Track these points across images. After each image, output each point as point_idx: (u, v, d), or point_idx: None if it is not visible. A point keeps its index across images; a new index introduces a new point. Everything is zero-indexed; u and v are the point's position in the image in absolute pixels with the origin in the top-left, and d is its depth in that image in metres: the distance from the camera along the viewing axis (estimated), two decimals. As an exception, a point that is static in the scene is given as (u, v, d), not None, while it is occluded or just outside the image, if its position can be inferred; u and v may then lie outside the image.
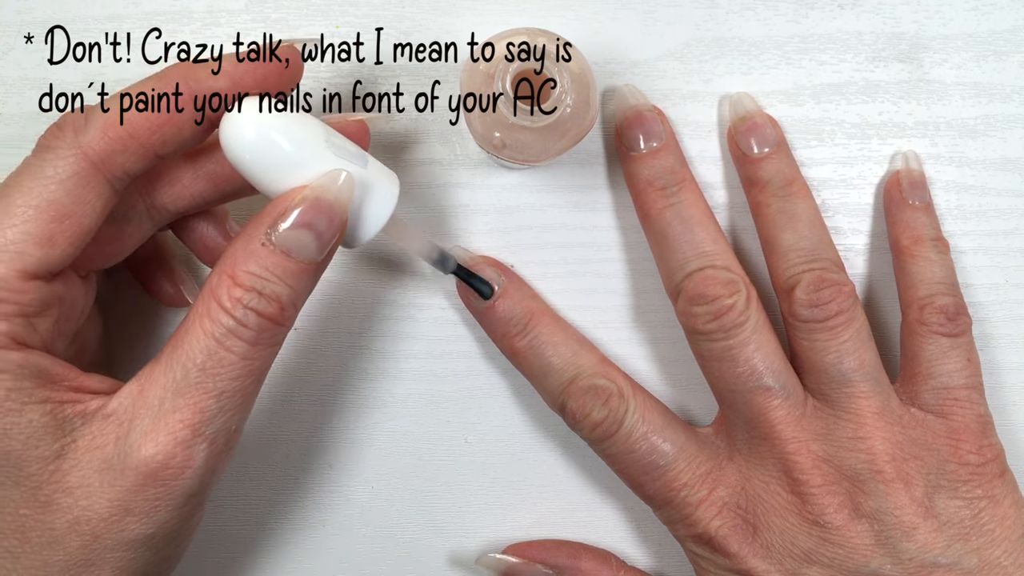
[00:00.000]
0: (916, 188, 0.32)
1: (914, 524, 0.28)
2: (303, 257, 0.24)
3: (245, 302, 0.23)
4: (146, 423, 0.24)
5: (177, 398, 0.24)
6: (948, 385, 0.29)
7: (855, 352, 0.29)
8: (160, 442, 0.23)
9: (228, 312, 0.23)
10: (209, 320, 0.24)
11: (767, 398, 0.29)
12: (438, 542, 0.33)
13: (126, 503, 0.24)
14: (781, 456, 0.29)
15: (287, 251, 0.24)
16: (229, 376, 0.24)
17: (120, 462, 0.23)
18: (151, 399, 0.24)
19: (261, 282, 0.24)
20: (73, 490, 0.23)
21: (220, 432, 0.24)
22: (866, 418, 0.28)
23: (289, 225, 0.24)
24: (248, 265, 0.24)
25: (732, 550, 0.29)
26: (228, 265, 0.24)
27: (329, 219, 0.24)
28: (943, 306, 0.30)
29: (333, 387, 0.33)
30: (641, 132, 0.31)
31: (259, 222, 0.24)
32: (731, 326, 0.29)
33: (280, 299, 0.24)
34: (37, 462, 0.23)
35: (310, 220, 0.24)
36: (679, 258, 0.30)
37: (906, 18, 0.33)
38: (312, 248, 0.24)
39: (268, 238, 0.24)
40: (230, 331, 0.24)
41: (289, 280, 0.24)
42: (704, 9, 0.33)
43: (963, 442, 0.29)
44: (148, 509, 0.24)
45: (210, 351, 0.24)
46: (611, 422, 0.29)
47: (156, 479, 0.24)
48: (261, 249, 0.24)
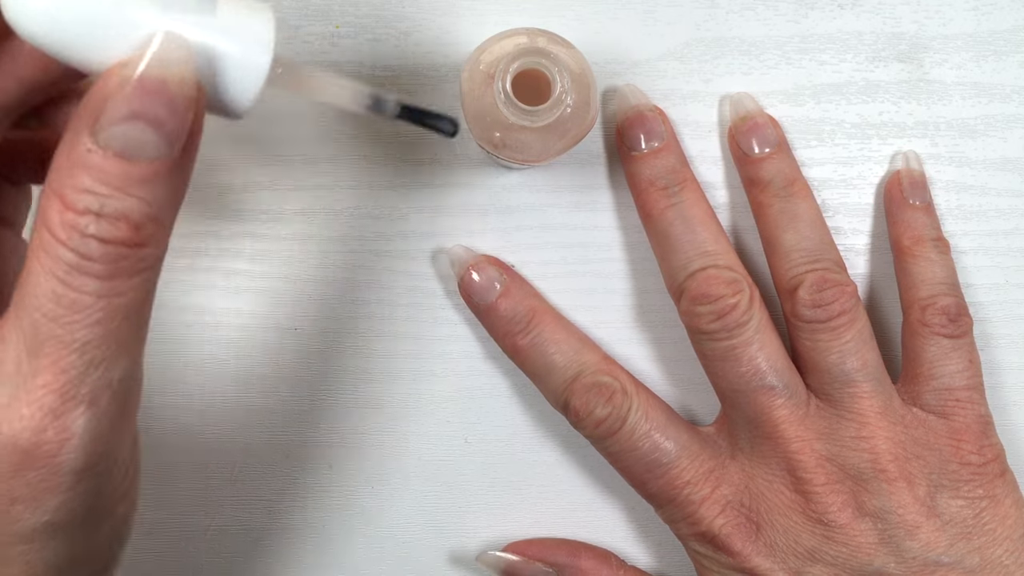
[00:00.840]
0: (917, 188, 0.32)
1: (917, 523, 0.28)
2: (148, 155, 0.18)
3: (82, 228, 0.18)
4: (6, 397, 0.19)
5: (33, 359, 0.18)
6: (950, 386, 0.30)
7: (858, 352, 0.29)
8: (25, 416, 0.18)
9: (64, 244, 0.18)
10: (47, 256, 0.18)
11: (770, 397, 0.29)
12: (438, 542, 0.33)
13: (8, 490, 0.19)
14: (784, 455, 0.29)
15: (122, 153, 0.17)
16: (87, 322, 0.18)
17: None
18: (6, 364, 0.19)
19: (97, 200, 0.18)
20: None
21: (99, 389, 0.19)
22: (869, 418, 0.28)
23: (114, 119, 0.17)
24: (77, 179, 0.18)
25: (735, 548, 0.29)
26: (54, 181, 0.18)
27: (167, 101, 0.18)
28: (945, 307, 0.30)
29: (333, 387, 0.33)
30: (642, 132, 0.31)
31: (79, 118, 0.18)
32: (734, 325, 0.29)
33: (128, 216, 0.18)
34: None
35: (140, 108, 0.17)
36: (681, 258, 0.30)
37: (906, 18, 0.33)
38: (156, 143, 0.18)
39: (94, 140, 0.17)
40: (73, 267, 0.18)
41: (135, 190, 0.18)
42: (704, 9, 0.33)
43: (964, 442, 0.29)
44: (33, 495, 0.19)
45: (57, 295, 0.18)
46: (614, 419, 0.29)
47: (31, 460, 0.19)
48: (88, 156, 0.17)
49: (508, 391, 0.33)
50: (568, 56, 0.28)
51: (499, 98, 0.27)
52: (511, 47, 0.27)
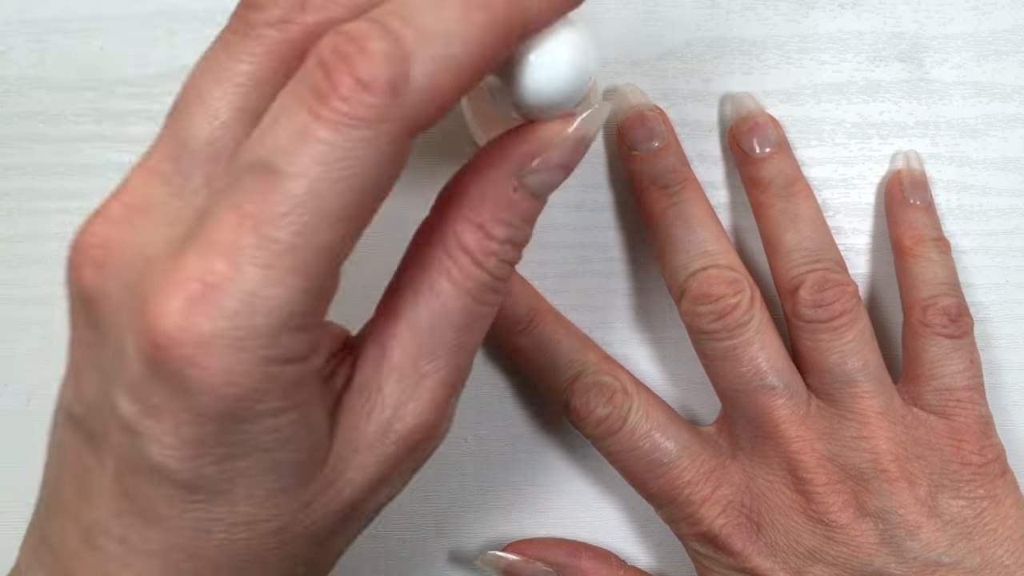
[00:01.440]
0: (917, 188, 0.32)
1: (918, 523, 0.28)
2: (547, 196, 0.21)
3: (500, 256, 0.21)
4: (402, 391, 0.21)
5: (433, 360, 0.21)
6: (951, 386, 0.29)
7: (859, 352, 0.29)
8: (421, 411, 0.21)
9: (482, 267, 0.20)
10: (460, 274, 0.20)
11: (771, 397, 0.29)
12: (438, 542, 0.33)
13: (384, 475, 0.21)
14: (785, 455, 0.29)
15: (536, 194, 0.21)
16: (481, 328, 0.22)
17: (379, 437, 0.21)
18: (401, 364, 0.21)
19: (515, 232, 0.21)
20: (334, 482, 0.21)
21: (462, 381, 0.22)
22: (870, 418, 0.28)
23: (546, 167, 0.20)
24: (501, 214, 0.20)
25: (736, 548, 0.29)
26: (474, 212, 0.20)
27: (581, 156, 0.21)
28: (946, 307, 0.30)
29: (333, 387, 0.33)
30: (643, 132, 0.31)
31: (509, 160, 0.21)
32: (735, 325, 0.29)
33: (523, 244, 0.21)
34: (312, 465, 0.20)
35: (568, 162, 0.21)
36: (682, 258, 0.30)
37: (906, 18, 0.33)
38: (556, 187, 0.21)
39: (521, 182, 0.20)
40: (487, 286, 0.21)
41: (533, 223, 0.21)
42: (704, 9, 0.32)
43: (965, 442, 0.29)
44: (405, 474, 0.22)
45: (468, 309, 0.21)
46: (615, 419, 0.29)
47: (417, 446, 0.22)
48: (514, 195, 0.20)
49: (508, 391, 0.33)
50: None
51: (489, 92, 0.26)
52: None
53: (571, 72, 0.20)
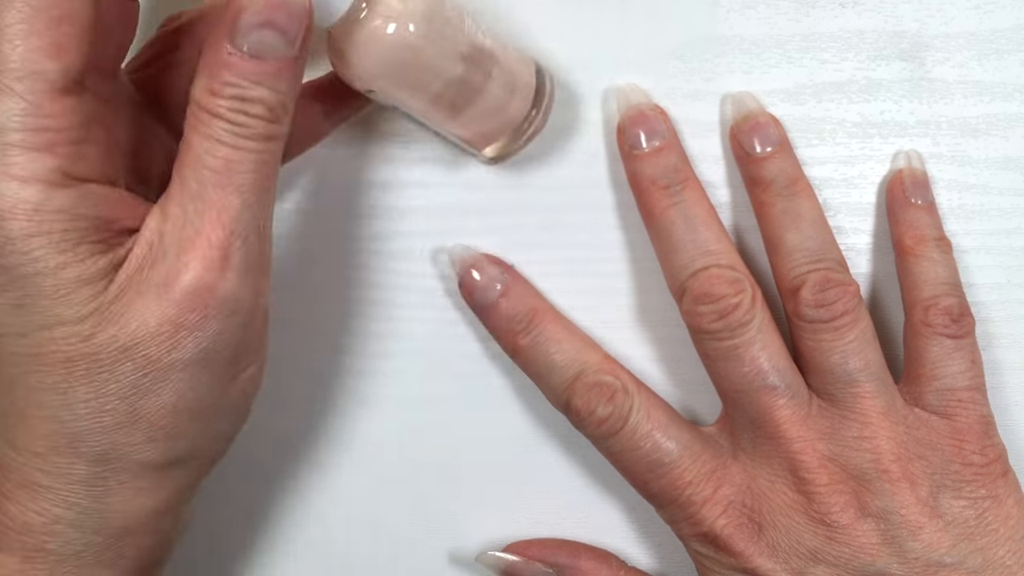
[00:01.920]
0: (919, 187, 0.32)
1: (920, 523, 0.28)
2: (274, 55, 0.23)
3: (231, 107, 0.23)
4: (178, 237, 0.23)
5: (199, 203, 0.23)
6: (952, 387, 0.29)
7: (860, 352, 0.29)
8: (197, 249, 0.23)
9: (221, 116, 0.23)
10: (204, 126, 0.23)
11: (772, 397, 0.29)
12: (438, 542, 0.33)
13: (175, 318, 0.23)
14: (787, 455, 0.29)
15: (255, 54, 0.23)
16: (242, 170, 0.23)
17: (162, 280, 0.23)
18: (174, 214, 0.23)
19: (240, 90, 0.23)
20: (117, 318, 0.23)
21: (250, 229, 0.24)
22: (871, 418, 0.28)
23: (248, 27, 0.22)
24: (222, 76, 0.23)
25: (737, 548, 0.29)
26: (204, 78, 0.23)
27: (289, 12, 0.23)
28: (947, 307, 0.30)
29: (332, 387, 0.33)
30: (643, 131, 0.31)
31: (221, 28, 0.23)
32: (736, 325, 0.29)
33: (264, 101, 0.23)
34: (84, 301, 0.22)
35: (269, 18, 0.23)
36: (683, 257, 0.30)
37: (908, 16, 0.33)
38: (280, 45, 0.23)
39: (233, 44, 0.23)
40: (227, 131, 0.23)
41: (268, 82, 0.23)
42: (705, 8, 0.32)
43: (967, 443, 0.29)
44: (198, 320, 0.23)
45: (216, 151, 0.23)
46: (616, 419, 0.29)
47: (200, 286, 0.23)
48: (229, 58, 0.23)
49: (508, 391, 0.33)
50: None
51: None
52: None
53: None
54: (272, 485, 0.33)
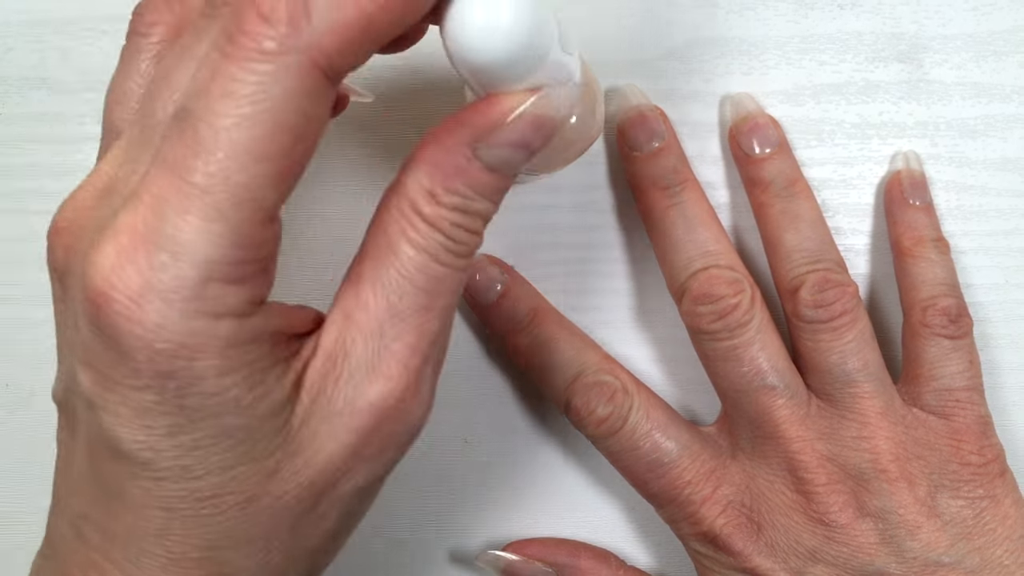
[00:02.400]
0: (917, 188, 0.32)
1: (918, 523, 0.28)
2: (508, 172, 0.21)
3: (453, 221, 0.20)
4: (369, 356, 0.20)
5: (399, 324, 0.20)
6: (950, 387, 0.30)
7: (859, 352, 0.29)
8: (391, 375, 0.20)
9: (437, 227, 0.20)
10: (417, 235, 0.20)
11: (772, 397, 0.29)
12: (438, 542, 0.33)
13: (358, 448, 0.21)
14: (786, 455, 0.29)
15: (494, 168, 0.20)
16: (448, 291, 0.21)
17: (347, 405, 0.20)
18: (367, 327, 0.20)
19: (465, 202, 0.20)
20: (302, 451, 0.20)
21: (441, 353, 0.22)
22: (870, 418, 0.28)
23: (502, 142, 0.20)
24: (452, 183, 0.20)
25: (736, 548, 0.29)
26: (427, 179, 0.20)
27: (544, 136, 0.21)
28: (945, 308, 0.30)
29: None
30: (643, 132, 0.31)
31: (464, 131, 0.20)
32: (736, 325, 0.29)
33: (484, 216, 0.21)
34: (271, 433, 0.20)
35: (528, 140, 0.20)
36: (683, 258, 0.30)
37: (906, 18, 0.33)
38: (518, 164, 0.21)
39: (475, 153, 0.20)
40: (442, 246, 0.20)
41: (493, 196, 0.21)
42: (704, 9, 0.32)
43: (965, 443, 0.29)
44: (379, 450, 0.21)
45: (428, 268, 0.20)
46: (616, 418, 0.29)
47: (389, 417, 0.21)
48: (468, 166, 0.20)
49: (508, 391, 0.33)
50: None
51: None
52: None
53: (511, 24, 0.18)
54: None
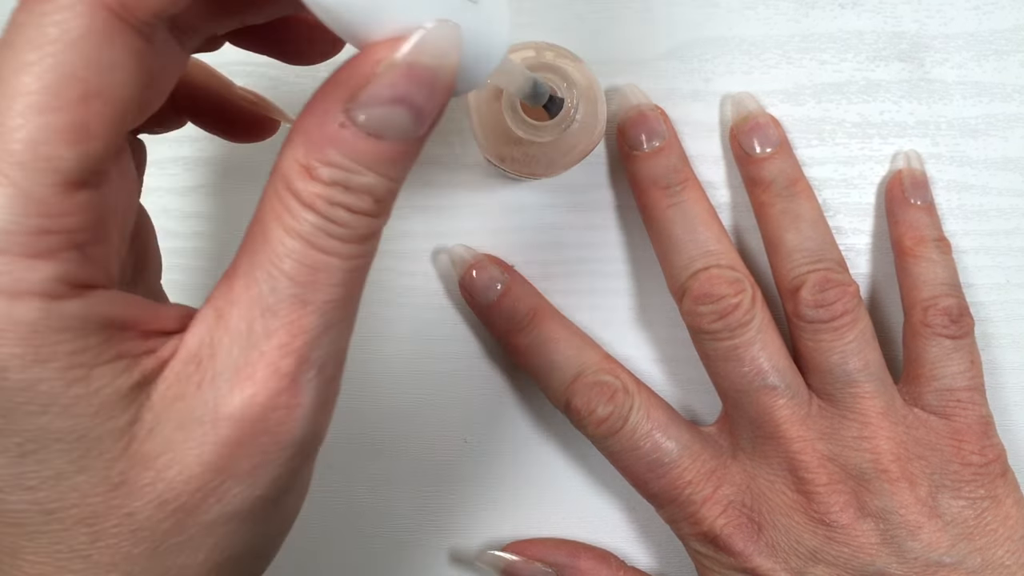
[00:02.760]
0: (918, 188, 0.32)
1: (919, 523, 0.28)
2: (398, 136, 0.17)
3: (328, 198, 0.17)
4: (236, 358, 0.18)
5: (270, 318, 0.18)
6: (951, 387, 0.29)
7: (860, 352, 0.29)
8: (258, 379, 0.18)
9: (312, 208, 0.17)
10: (291, 217, 0.18)
11: (772, 397, 0.29)
12: (438, 542, 0.33)
13: (223, 464, 0.18)
14: (786, 455, 0.29)
15: (375, 133, 0.17)
16: (329, 283, 0.18)
17: (210, 412, 0.18)
18: (235, 325, 0.18)
19: (346, 175, 0.17)
20: (153, 460, 0.18)
21: (328, 356, 0.19)
22: (871, 418, 0.28)
23: (374, 100, 0.17)
24: (326, 153, 0.17)
25: (737, 548, 0.29)
26: (301, 150, 0.18)
27: (431, 88, 0.17)
28: (947, 308, 0.30)
29: (333, 387, 0.33)
30: (644, 131, 0.31)
31: (334, 92, 0.17)
32: (736, 325, 0.29)
33: (374, 191, 0.18)
34: (108, 437, 0.17)
35: (405, 94, 0.17)
36: (684, 257, 0.30)
37: (907, 17, 0.33)
38: (408, 125, 0.17)
39: (349, 116, 0.17)
40: (321, 230, 0.18)
41: (382, 168, 0.18)
42: (705, 8, 0.32)
43: (966, 443, 0.29)
44: (252, 467, 0.18)
45: (301, 255, 0.18)
46: (616, 418, 0.29)
47: (259, 427, 0.18)
48: (340, 131, 0.17)
49: (508, 391, 0.33)
50: (576, 70, 0.28)
51: (507, 113, 0.27)
52: (519, 62, 0.27)
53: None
54: (272, 485, 0.33)
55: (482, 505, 0.33)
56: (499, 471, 0.33)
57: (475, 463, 0.33)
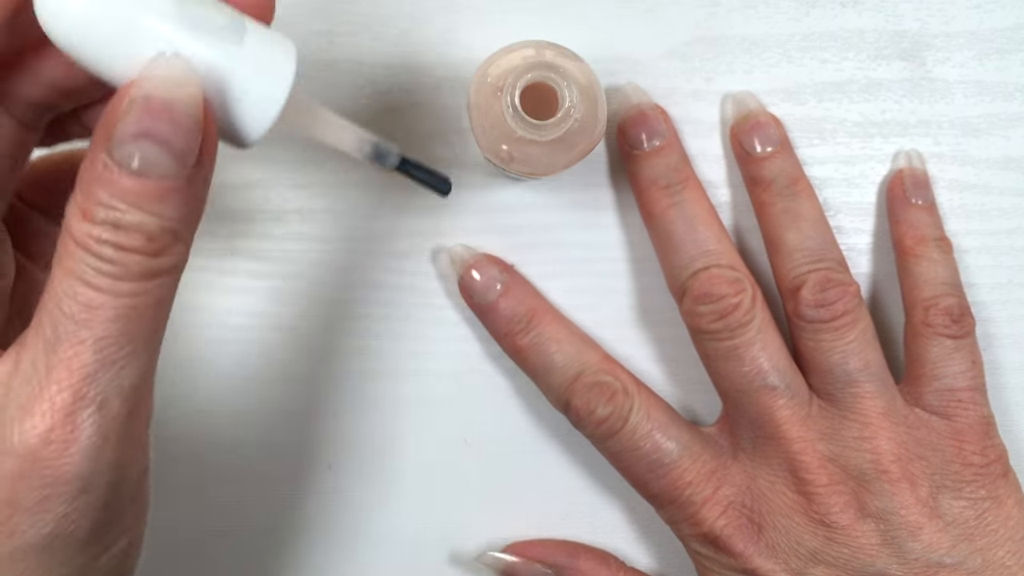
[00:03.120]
0: (919, 187, 0.32)
1: (920, 524, 0.28)
2: (159, 173, 0.18)
3: (98, 237, 0.18)
4: (21, 395, 0.19)
5: (50, 356, 0.19)
6: (952, 387, 0.29)
7: (860, 352, 0.29)
8: (38, 414, 0.18)
9: (84, 248, 0.18)
10: (69, 258, 0.19)
11: (772, 397, 0.29)
12: (438, 542, 0.33)
13: (10, 497, 0.19)
14: (787, 455, 0.29)
15: (136, 171, 0.18)
16: (102, 319, 0.19)
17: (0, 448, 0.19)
18: (24, 365, 0.19)
19: (115, 214, 0.18)
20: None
21: (111, 392, 0.19)
22: (871, 418, 0.28)
23: (124, 137, 0.18)
24: (95, 194, 0.18)
25: (737, 549, 0.29)
26: (78, 195, 0.19)
27: (172, 121, 0.18)
28: (947, 307, 0.30)
29: (332, 387, 0.33)
30: (644, 130, 0.31)
31: (99, 132, 0.18)
32: (736, 325, 0.29)
33: (143, 229, 0.18)
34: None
35: (147, 128, 0.18)
36: (684, 257, 0.30)
37: (908, 16, 0.33)
38: (166, 162, 0.18)
39: (110, 156, 0.18)
40: (92, 268, 0.18)
41: (149, 205, 0.18)
42: (706, 7, 0.32)
43: (967, 443, 0.29)
44: (37, 501, 0.19)
45: (75, 293, 0.18)
46: (616, 419, 0.29)
47: (39, 461, 0.19)
48: (105, 172, 0.18)
49: (508, 391, 0.33)
50: (576, 69, 0.28)
51: (507, 112, 0.27)
52: (519, 60, 0.27)
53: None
54: (272, 487, 0.33)
55: (482, 505, 0.33)
56: (499, 471, 0.33)
57: (475, 463, 0.33)
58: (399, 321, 0.33)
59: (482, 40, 0.32)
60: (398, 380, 0.33)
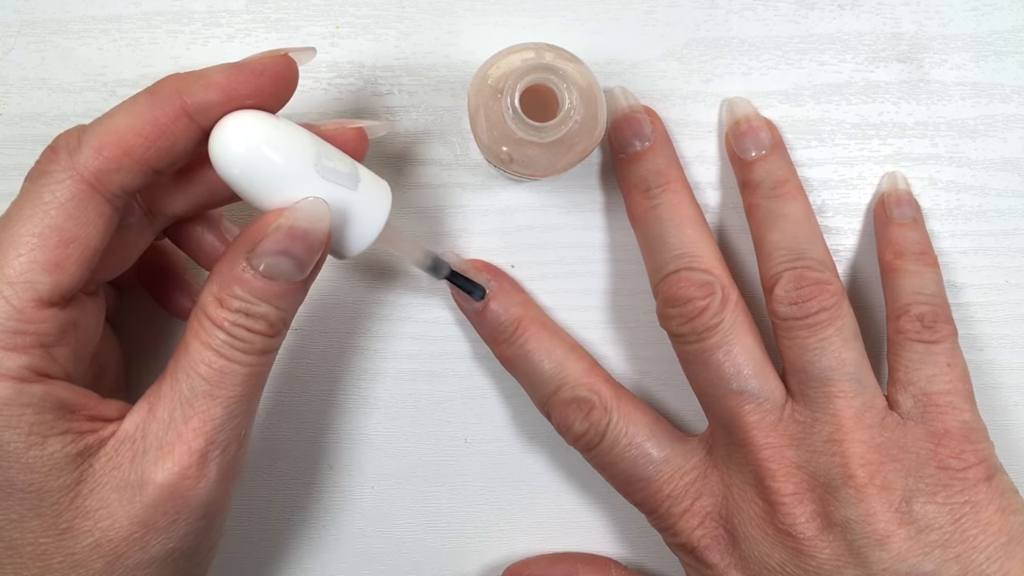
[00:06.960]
0: (901, 205, 0.32)
1: (887, 532, 0.27)
2: (285, 279, 0.25)
3: (234, 322, 0.25)
4: (160, 438, 0.25)
5: (187, 409, 0.25)
6: (927, 391, 0.29)
7: (835, 351, 0.29)
8: (175, 454, 0.25)
9: (222, 328, 0.25)
10: (205, 334, 0.25)
11: (740, 403, 0.29)
12: (438, 542, 0.34)
13: (146, 519, 0.25)
14: (755, 462, 0.29)
15: (268, 275, 0.25)
16: (233, 383, 0.25)
17: (138, 480, 0.24)
18: (161, 415, 0.25)
19: (247, 305, 0.25)
20: (92, 513, 0.24)
21: (231, 439, 0.26)
22: (843, 419, 0.28)
23: (266, 252, 0.25)
24: (232, 289, 0.25)
25: (712, 561, 0.29)
26: (215, 287, 0.25)
27: (306, 245, 0.25)
28: (919, 314, 0.30)
29: (333, 388, 0.33)
30: (630, 133, 0.31)
31: (240, 245, 0.25)
32: (703, 329, 0.29)
33: (267, 318, 0.25)
34: (57, 492, 0.24)
35: (286, 247, 0.25)
36: (658, 260, 0.30)
37: (906, 18, 0.33)
38: (292, 271, 0.25)
39: (248, 263, 0.25)
40: (228, 344, 0.25)
41: (274, 301, 0.25)
42: (704, 9, 0.33)
43: (943, 446, 0.29)
44: (168, 523, 0.25)
45: (212, 362, 0.25)
46: (593, 435, 0.30)
47: (174, 492, 0.25)
48: (243, 274, 0.25)
49: (508, 391, 0.33)
50: (575, 71, 0.28)
51: (507, 113, 0.27)
52: (519, 62, 0.28)
53: (243, 150, 0.24)
54: (273, 487, 0.33)
55: (482, 505, 0.34)
56: (499, 471, 0.34)
57: (475, 463, 0.34)
58: (399, 321, 0.33)
59: (482, 42, 0.33)
60: (398, 380, 0.33)
